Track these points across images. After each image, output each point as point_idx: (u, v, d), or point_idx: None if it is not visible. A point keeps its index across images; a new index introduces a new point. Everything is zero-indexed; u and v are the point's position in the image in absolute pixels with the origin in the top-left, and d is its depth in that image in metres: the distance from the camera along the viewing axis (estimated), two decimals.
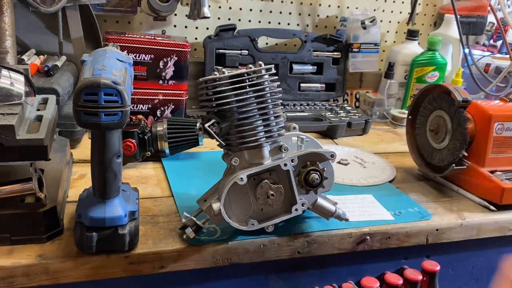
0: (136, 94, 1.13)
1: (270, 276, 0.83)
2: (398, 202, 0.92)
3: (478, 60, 1.57)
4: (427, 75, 1.45)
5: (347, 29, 1.47)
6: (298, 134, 0.78)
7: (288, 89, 1.42)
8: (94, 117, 0.59)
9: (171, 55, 1.14)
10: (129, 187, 0.74)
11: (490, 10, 1.49)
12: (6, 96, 0.68)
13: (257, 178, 0.72)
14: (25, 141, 0.64)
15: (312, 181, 0.73)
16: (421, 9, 1.62)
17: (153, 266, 0.71)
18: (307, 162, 0.74)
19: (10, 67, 0.73)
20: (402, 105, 1.51)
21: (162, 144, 0.96)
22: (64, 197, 0.79)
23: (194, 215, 0.74)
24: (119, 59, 0.67)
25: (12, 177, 0.71)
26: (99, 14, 1.22)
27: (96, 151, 0.64)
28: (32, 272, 0.66)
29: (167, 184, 0.92)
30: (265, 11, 1.45)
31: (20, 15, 1.08)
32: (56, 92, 0.97)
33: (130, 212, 0.68)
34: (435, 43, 1.43)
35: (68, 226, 0.73)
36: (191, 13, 1.26)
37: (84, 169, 0.94)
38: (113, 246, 0.67)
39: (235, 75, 0.70)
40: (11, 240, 0.68)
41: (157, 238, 0.74)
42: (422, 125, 1.05)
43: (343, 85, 1.48)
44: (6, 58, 0.96)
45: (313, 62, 1.43)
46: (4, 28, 0.95)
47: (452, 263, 0.95)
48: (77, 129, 1.02)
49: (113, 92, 0.59)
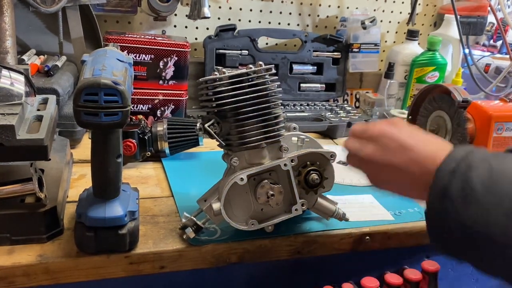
0: (136, 94, 1.13)
1: (270, 276, 0.83)
2: (398, 202, 0.92)
3: (478, 60, 1.57)
4: (427, 75, 1.45)
5: (347, 29, 1.46)
6: (298, 134, 0.78)
7: (288, 89, 1.42)
8: (95, 117, 0.59)
9: (171, 55, 1.14)
10: (129, 187, 0.74)
11: (490, 10, 1.49)
12: (6, 96, 0.68)
13: (257, 178, 0.72)
14: (25, 141, 0.64)
15: (312, 181, 0.73)
16: (421, 9, 1.62)
17: (153, 266, 0.71)
18: (307, 162, 0.74)
19: (10, 67, 0.73)
20: (402, 105, 1.51)
21: (162, 144, 0.96)
22: (64, 197, 0.79)
23: (194, 215, 0.74)
24: (119, 59, 0.67)
25: (12, 177, 0.71)
26: (99, 14, 1.22)
27: (96, 151, 0.64)
28: (32, 272, 0.66)
29: (167, 184, 0.92)
30: (265, 11, 1.45)
31: (20, 15, 1.08)
32: (56, 92, 0.97)
33: (130, 212, 0.68)
34: (435, 43, 1.43)
35: (68, 226, 0.73)
36: (191, 13, 1.26)
37: (84, 169, 0.94)
38: (113, 246, 0.67)
39: (235, 75, 0.70)
40: (11, 240, 0.68)
41: (157, 238, 0.74)
42: (422, 125, 1.05)
43: (343, 85, 1.48)
44: (6, 58, 0.96)
45: (313, 62, 1.43)
46: (4, 28, 0.95)
47: (452, 263, 0.95)
48: (77, 129, 1.02)
49: (113, 92, 0.59)
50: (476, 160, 0.53)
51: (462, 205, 0.51)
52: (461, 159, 0.54)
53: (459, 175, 0.52)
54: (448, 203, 0.52)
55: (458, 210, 0.51)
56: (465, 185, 0.51)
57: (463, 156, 0.54)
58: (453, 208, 0.52)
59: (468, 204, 0.51)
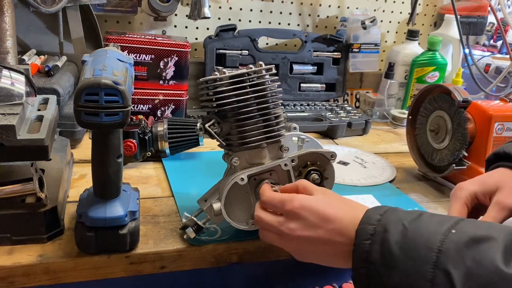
0: (136, 94, 1.13)
1: (270, 276, 0.83)
2: (398, 202, 0.92)
3: (478, 60, 1.57)
4: (427, 75, 1.45)
5: (347, 29, 1.47)
6: (299, 134, 0.78)
7: (288, 89, 1.42)
8: (95, 117, 0.59)
9: (171, 55, 1.14)
10: (129, 187, 0.74)
11: (490, 10, 1.50)
12: (6, 96, 0.68)
13: (258, 178, 0.72)
14: (25, 141, 0.64)
15: (313, 181, 0.73)
16: (421, 9, 1.62)
17: (154, 266, 0.71)
18: (308, 162, 0.74)
19: (11, 67, 0.73)
20: (402, 105, 1.51)
21: (162, 144, 0.96)
22: (64, 197, 0.79)
23: (195, 215, 0.74)
24: (119, 59, 0.67)
25: (12, 177, 0.71)
26: (100, 14, 1.22)
27: (96, 151, 0.64)
28: (32, 272, 0.66)
29: (167, 184, 0.92)
30: (265, 11, 1.45)
31: (21, 15, 1.08)
32: (57, 92, 0.97)
33: (131, 212, 0.68)
34: (435, 43, 1.43)
35: (69, 226, 0.73)
36: (191, 13, 1.26)
37: (85, 169, 0.94)
38: (113, 246, 0.67)
39: (235, 75, 0.70)
40: (11, 240, 0.68)
41: (158, 238, 0.74)
42: (422, 125, 1.05)
43: (343, 85, 1.48)
44: (7, 58, 0.96)
45: (313, 62, 1.43)
46: (4, 28, 0.95)
47: None
48: (77, 129, 1.02)
49: (114, 92, 0.59)
50: (391, 222, 0.54)
51: (384, 269, 0.51)
52: (377, 222, 0.54)
53: (377, 239, 0.53)
54: (371, 268, 0.53)
55: (381, 275, 0.52)
56: (383, 249, 0.52)
57: (378, 218, 0.55)
58: (377, 272, 0.52)
59: (389, 269, 0.51)
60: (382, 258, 0.52)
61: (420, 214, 0.55)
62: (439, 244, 0.50)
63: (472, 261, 0.47)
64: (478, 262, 0.47)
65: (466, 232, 0.50)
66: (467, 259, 0.48)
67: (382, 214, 0.55)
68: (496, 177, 0.70)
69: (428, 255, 0.49)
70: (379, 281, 0.52)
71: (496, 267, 0.46)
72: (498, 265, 0.46)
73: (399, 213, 0.55)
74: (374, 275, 0.52)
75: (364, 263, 0.53)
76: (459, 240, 0.49)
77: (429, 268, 0.49)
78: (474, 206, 0.70)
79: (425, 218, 0.54)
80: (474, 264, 0.47)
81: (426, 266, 0.49)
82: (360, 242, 0.54)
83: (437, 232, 0.51)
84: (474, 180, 0.71)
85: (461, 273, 0.47)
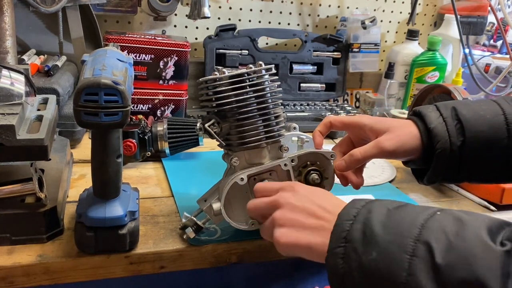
0: (136, 94, 1.13)
1: (270, 276, 0.83)
2: None
3: (478, 60, 1.57)
4: (427, 75, 1.45)
5: (347, 29, 1.47)
6: (299, 134, 0.78)
7: (288, 89, 1.42)
8: (95, 117, 0.59)
9: (171, 55, 1.14)
10: (129, 187, 0.74)
11: (490, 10, 1.49)
12: (6, 96, 0.68)
13: (258, 178, 0.72)
14: (25, 141, 0.64)
15: (313, 181, 0.73)
16: (421, 9, 1.62)
17: (153, 266, 0.71)
18: (307, 162, 0.74)
19: (11, 67, 0.73)
20: (402, 105, 1.51)
21: (162, 144, 0.96)
22: (64, 197, 0.79)
23: (194, 215, 0.74)
24: (119, 59, 0.67)
25: (12, 177, 0.71)
26: (99, 14, 1.22)
27: (96, 151, 0.64)
28: (32, 272, 0.66)
29: (167, 184, 0.92)
30: (265, 11, 1.45)
31: (21, 15, 1.08)
32: (57, 92, 0.97)
33: (130, 212, 0.68)
34: (435, 43, 1.43)
35: (68, 226, 0.73)
36: (191, 13, 1.26)
37: (84, 169, 0.94)
38: (113, 246, 0.67)
39: (235, 75, 0.70)
40: (11, 240, 0.68)
41: (157, 238, 0.74)
42: None
43: (343, 85, 1.48)
44: (7, 58, 0.96)
45: (313, 62, 1.44)
46: (4, 28, 0.95)
47: None
48: (77, 129, 1.02)
49: (113, 92, 0.59)
50: (376, 206, 0.53)
51: (363, 247, 0.50)
52: (361, 207, 0.54)
53: (360, 219, 0.52)
54: (348, 246, 0.51)
55: (358, 252, 0.50)
56: (365, 227, 0.51)
57: (363, 204, 0.55)
58: (353, 250, 0.51)
59: (368, 246, 0.50)
60: (363, 235, 0.51)
61: (406, 203, 0.55)
62: (423, 221, 0.49)
63: (456, 236, 0.47)
64: (462, 237, 0.47)
65: (452, 213, 0.50)
66: (450, 234, 0.47)
67: (368, 202, 0.55)
68: (393, 123, 0.72)
69: (411, 230, 0.49)
70: (354, 259, 0.50)
71: (482, 240, 0.46)
72: (483, 238, 0.46)
73: (385, 201, 0.55)
74: (349, 253, 0.51)
75: (341, 242, 0.52)
76: (444, 218, 0.49)
77: (410, 242, 0.48)
78: (361, 137, 0.75)
79: (410, 206, 0.54)
80: (458, 239, 0.46)
81: (407, 240, 0.48)
82: (341, 222, 0.53)
83: (422, 213, 0.51)
84: (374, 117, 0.75)
85: (443, 246, 0.46)
